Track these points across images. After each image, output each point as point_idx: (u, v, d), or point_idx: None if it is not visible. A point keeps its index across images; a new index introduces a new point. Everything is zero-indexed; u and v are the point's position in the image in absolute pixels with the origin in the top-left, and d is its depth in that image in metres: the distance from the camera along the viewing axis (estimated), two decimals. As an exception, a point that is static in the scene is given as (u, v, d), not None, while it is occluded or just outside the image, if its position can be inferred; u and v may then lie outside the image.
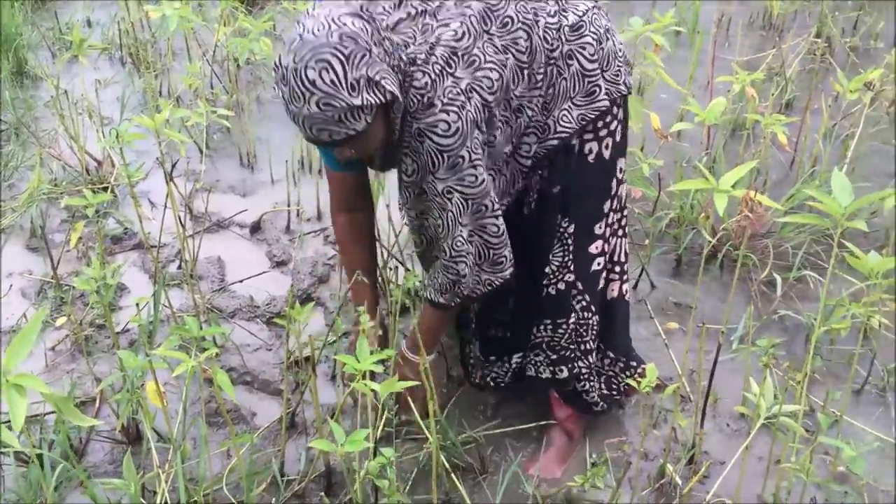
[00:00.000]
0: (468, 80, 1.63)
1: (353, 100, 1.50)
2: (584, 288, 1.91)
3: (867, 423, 2.16)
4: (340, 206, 2.03)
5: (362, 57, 1.50)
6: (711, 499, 1.95)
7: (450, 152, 1.62)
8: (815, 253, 2.66)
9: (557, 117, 1.77)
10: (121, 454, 2.07)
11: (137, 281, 2.64)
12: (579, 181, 1.82)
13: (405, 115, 1.63)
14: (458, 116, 1.60)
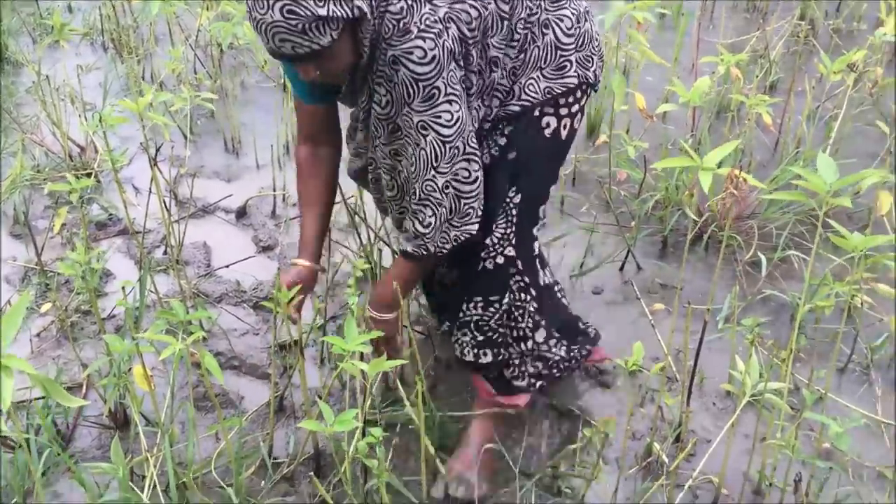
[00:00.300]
0: (446, 9, 1.60)
1: (319, 9, 1.45)
2: (523, 268, 1.85)
3: (851, 400, 2.19)
4: (306, 137, 1.95)
5: None
6: (697, 476, 1.97)
7: (426, 81, 1.57)
8: (800, 234, 2.68)
9: (524, 84, 1.76)
10: (108, 439, 2.07)
11: (123, 267, 2.63)
12: (533, 152, 1.81)
13: (379, 40, 1.58)
14: (435, 44, 1.56)
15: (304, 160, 1.95)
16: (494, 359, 1.89)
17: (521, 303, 1.86)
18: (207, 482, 1.95)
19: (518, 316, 1.87)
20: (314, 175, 1.96)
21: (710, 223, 2.66)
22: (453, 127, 1.63)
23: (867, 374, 2.27)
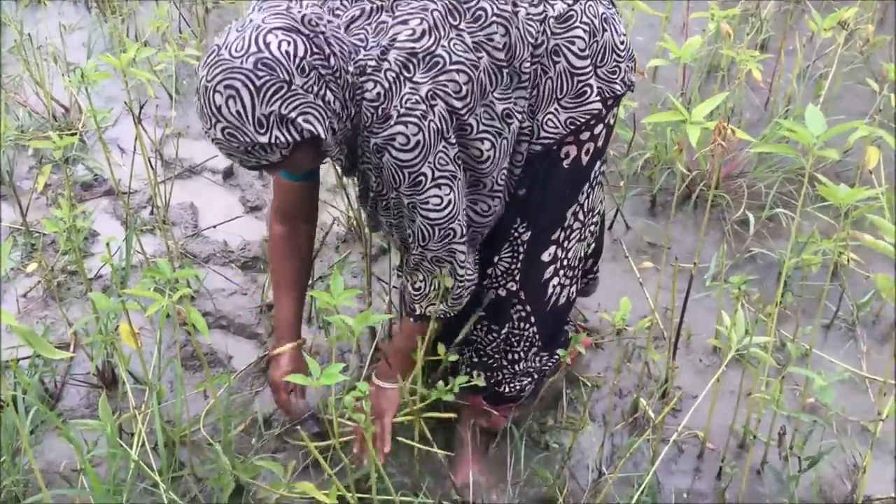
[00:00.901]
0: (429, 86, 1.41)
1: (259, 137, 1.33)
2: (526, 298, 1.75)
3: (836, 356, 2.20)
4: (283, 215, 1.83)
5: (277, 90, 1.32)
6: (683, 431, 1.99)
7: (410, 168, 1.44)
8: (788, 193, 2.68)
9: (542, 121, 1.58)
10: (96, 398, 2.07)
11: (109, 227, 2.61)
12: (548, 187, 1.65)
13: (361, 129, 1.45)
14: (419, 128, 1.41)
15: (280, 240, 1.84)
16: (487, 381, 1.82)
17: (519, 331, 1.79)
18: (197, 440, 1.95)
19: (515, 342, 1.81)
20: (291, 256, 1.87)
21: (699, 182, 2.65)
22: (443, 211, 1.50)
23: (852, 330, 2.29)
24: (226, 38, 1.36)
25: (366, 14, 1.45)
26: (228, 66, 1.32)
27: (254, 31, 1.34)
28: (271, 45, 1.33)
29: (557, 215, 1.71)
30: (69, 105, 3.03)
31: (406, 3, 1.45)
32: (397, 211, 1.56)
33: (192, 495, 1.85)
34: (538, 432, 1.98)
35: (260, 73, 1.31)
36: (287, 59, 1.33)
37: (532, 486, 1.89)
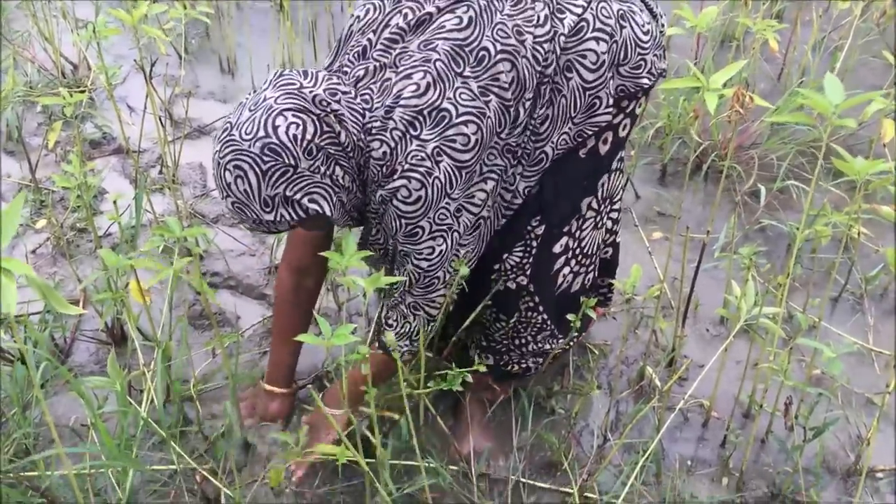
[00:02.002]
0: (436, 143, 1.39)
1: (265, 215, 1.39)
2: (535, 290, 1.71)
3: (844, 329, 2.21)
4: (295, 266, 1.80)
5: (282, 174, 1.36)
6: (689, 399, 2.00)
7: (409, 220, 1.44)
8: (800, 165, 2.66)
9: (556, 143, 1.53)
10: (105, 354, 2.08)
11: (118, 186, 2.60)
12: (563, 180, 1.60)
13: (369, 184, 1.47)
14: (422, 184, 1.41)
15: (288, 291, 1.82)
16: (496, 363, 1.83)
17: (527, 319, 1.76)
18: (205, 398, 1.97)
19: (522, 329, 1.78)
20: (296, 308, 1.84)
21: (711, 153, 2.64)
22: (433, 259, 1.51)
23: (860, 303, 2.28)
24: (238, 117, 1.39)
25: (370, 73, 1.44)
26: (238, 148, 1.36)
27: (264, 112, 1.37)
28: (279, 130, 1.35)
29: (573, 207, 1.66)
30: (78, 62, 3.00)
31: (408, 56, 1.42)
32: (392, 254, 1.58)
33: (199, 451, 1.87)
34: (544, 398, 1.99)
35: (266, 157, 1.35)
36: (294, 143, 1.36)
37: (538, 450, 1.91)
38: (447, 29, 1.42)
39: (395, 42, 1.45)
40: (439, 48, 1.41)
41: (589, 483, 1.82)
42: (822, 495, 1.83)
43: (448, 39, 1.42)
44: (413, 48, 1.43)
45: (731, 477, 1.87)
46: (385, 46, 1.45)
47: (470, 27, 1.42)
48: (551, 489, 1.84)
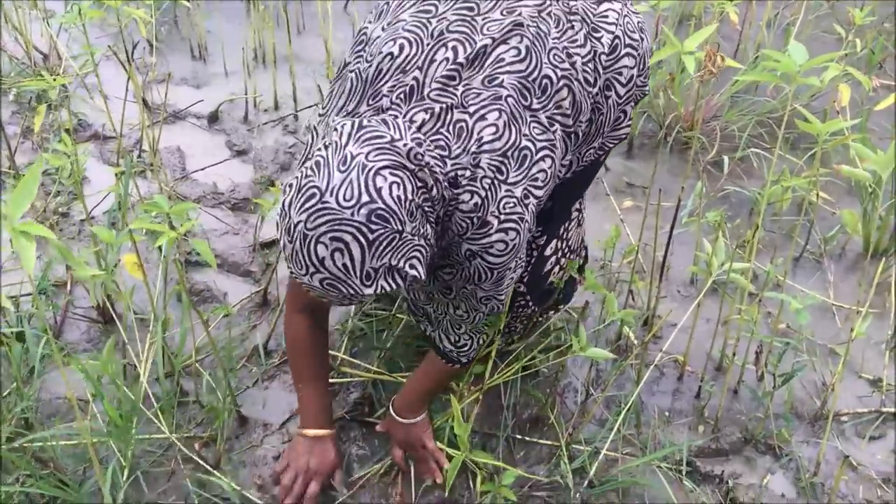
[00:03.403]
0: (524, 186, 1.34)
1: (365, 289, 1.24)
2: (528, 291, 1.75)
3: (805, 286, 2.33)
4: (303, 308, 1.71)
5: (390, 242, 1.21)
6: (664, 356, 2.10)
7: (500, 268, 1.39)
8: (759, 135, 2.78)
9: (583, 154, 1.55)
10: (97, 333, 2.11)
11: (97, 171, 2.62)
12: (569, 191, 1.62)
13: (453, 237, 1.37)
14: (517, 232, 1.35)
15: (303, 334, 1.73)
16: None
17: (516, 314, 1.80)
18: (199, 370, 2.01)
19: (513, 321, 1.82)
20: (315, 348, 1.75)
21: (675, 125, 2.75)
22: (509, 285, 1.50)
23: (820, 262, 2.41)
24: (328, 181, 1.20)
25: (436, 116, 1.32)
26: (337, 217, 1.18)
27: (360, 172, 1.20)
28: (383, 192, 1.20)
29: (568, 213, 1.71)
30: (48, 52, 3.01)
31: (475, 95, 1.33)
32: (460, 296, 1.52)
33: (197, 421, 1.92)
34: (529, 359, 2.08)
35: (375, 225, 1.19)
36: (399, 205, 1.21)
37: (525, 408, 1.99)
38: (507, 62, 1.35)
39: (453, 80, 1.34)
40: (506, 83, 1.33)
41: (574, 436, 1.91)
42: (792, 438, 1.94)
43: (511, 73, 1.34)
44: (476, 85, 1.33)
45: (707, 425, 1.98)
46: (442, 85, 1.33)
47: (528, 57, 1.36)
48: (539, 443, 1.93)
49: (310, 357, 1.76)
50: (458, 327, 1.64)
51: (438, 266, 1.46)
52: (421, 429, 1.82)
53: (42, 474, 1.69)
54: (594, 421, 1.97)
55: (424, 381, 1.80)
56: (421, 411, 1.81)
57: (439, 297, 1.57)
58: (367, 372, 2.01)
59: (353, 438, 1.92)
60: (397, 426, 1.82)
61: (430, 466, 1.82)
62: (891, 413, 2.02)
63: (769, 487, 1.87)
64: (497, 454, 1.90)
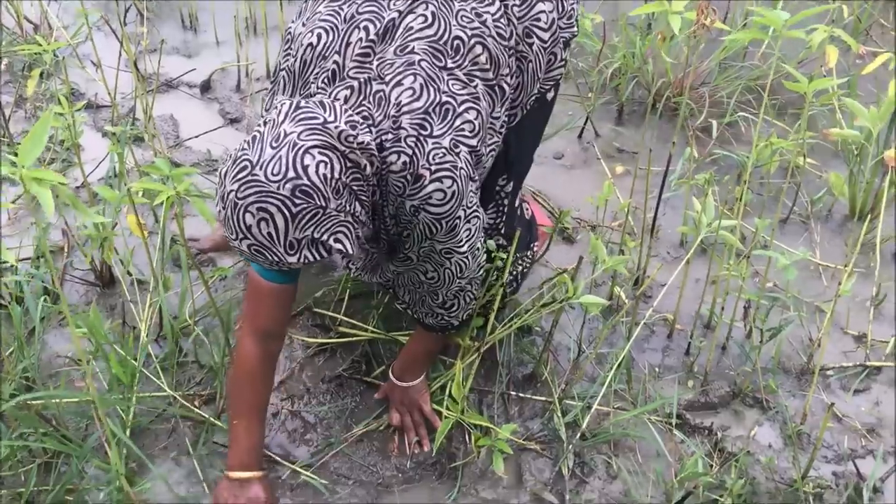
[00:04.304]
0: (451, 136, 1.42)
1: (289, 258, 1.33)
2: (506, 244, 1.80)
3: (792, 247, 2.37)
4: (259, 330, 1.65)
5: (313, 216, 1.31)
6: (654, 315, 2.14)
7: (448, 217, 1.45)
8: (747, 101, 2.82)
9: (524, 103, 1.63)
10: (94, 296, 2.14)
11: (91, 139, 2.63)
12: (525, 133, 1.69)
13: (390, 200, 1.45)
14: (452, 179, 1.42)
15: (255, 362, 1.66)
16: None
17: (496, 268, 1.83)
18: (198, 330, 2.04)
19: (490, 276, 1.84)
20: (263, 379, 1.69)
21: (664, 91, 2.78)
22: (472, 239, 1.55)
23: (807, 223, 2.46)
24: (259, 155, 1.30)
25: (357, 90, 1.43)
26: (263, 190, 1.28)
27: (290, 150, 1.30)
28: (309, 169, 1.29)
29: (530, 160, 1.78)
30: (39, 22, 3.00)
31: (390, 65, 1.43)
32: (422, 258, 1.57)
33: (196, 380, 1.95)
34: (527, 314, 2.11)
35: (298, 200, 1.29)
36: (324, 183, 1.31)
37: (520, 364, 2.03)
38: (416, 29, 1.45)
39: (368, 56, 1.45)
40: (417, 49, 1.44)
41: (567, 391, 1.96)
42: (779, 390, 2.00)
43: (421, 39, 1.44)
44: (390, 56, 1.44)
45: (696, 379, 2.03)
46: (359, 63, 1.44)
47: (436, 22, 1.46)
48: (534, 398, 1.97)
49: (251, 388, 1.69)
50: (435, 296, 1.67)
51: (395, 240, 1.54)
52: (418, 392, 1.87)
53: (46, 430, 1.72)
54: (586, 377, 2.01)
55: (420, 345, 1.86)
56: (419, 375, 1.86)
57: (404, 269, 1.63)
58: (364, 332, 2.04)
59: (351, 395, 1.96)
60: (396, 389, 1.87)
61: (422, 433, 1.87)
62: (875, 367, 2.07)
63: (756, 438, 1.92)
64: (492, 410, 1.94)
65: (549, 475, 1.84)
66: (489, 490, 1.82)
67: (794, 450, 1.87)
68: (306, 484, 1.80)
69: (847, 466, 1.87)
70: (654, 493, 1.81)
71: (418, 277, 1.63)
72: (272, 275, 1.59)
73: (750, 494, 1.79)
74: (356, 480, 1.82)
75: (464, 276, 1.62)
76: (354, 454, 1.86)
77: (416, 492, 1.82)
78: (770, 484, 1.82)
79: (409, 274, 1.64)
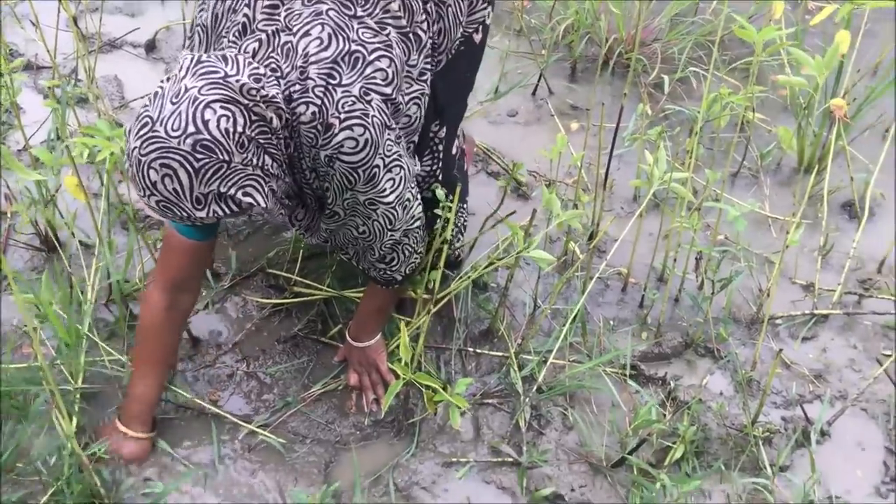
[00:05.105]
0: (360, 84, 1.41)
1: (197, 212, 1.34)
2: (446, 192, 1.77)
3: (742, 199, 2.40)
4: (169, 283, 1.64)
5: (217, 171, 1.31)
6: (607, 269, 2.16)
7: (364, 166, 1.44)
8: (698, 57, 2.83)
9: (449, 48, 1.62)
10: (40, 261, 2.09)
11: (32, 102, 2.55)
12: (453, 77, 1.68)
13: (304, 153, 1.45)
14: (364, 127, 1.41)
15: (161, 312, 1.65)
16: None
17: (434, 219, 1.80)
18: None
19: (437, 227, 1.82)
20: (169, 331, 1.70)
21: (616, 49, 2.78)
22: (398, 190, 1.53)
23: (756, 177, 2.49)
24: (160, 111, 1.30)
25: (265, 43, 1.42)
26: (165, 146, 1.28)
27: (191, 105, 1.29)
28: (210, 124, 1.29)
29: (463, 105, 1.76)
30: (-28, -21, 2.89)
31: (298, 16, 1.42)
32: (348, 212, 1.55)
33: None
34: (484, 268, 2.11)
35: (199, 154, 1.29)
36: (226, 137, 1.30)
37: (476, 321, 2.04)
38: None
39: (277, 7, 1.43)
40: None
41: (523, 346, 1.97)
42: (729, 340, 2.03)
43: None
44: (297, 7, 1.43)
45: (650, 331, 2.05)
46: (268, 15, 1.43)
47: None
48: (490, 354, 1.98)
49: (154, 339, 1.69)
50: (371, 251, 1.67)
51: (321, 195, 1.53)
52: (375, 351, 1.86)
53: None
54: (542, 331, 2.03)
55: (372, 303, 1.85)
56: (375, 334, 1.86)
57: (336, 226, 1.61)
58: (319, 291, 2.02)
59: (308, 355, 1.95)
60: (353, 350, 1.87)
61: (379, 392, 1.87)
62: (822, 315, 2.12)
63: (708, 387, 1.96)
64: (450, 366, 1.95)
65: (506, 428, 1.86)
66: (447, 445, 1.83)
67: (744, 397, 1.91)
68: (264, 444, 1.79)
69: (795, 411, 1.92)
70: (609, 442, 1.84)
71: (352, 233, 1.62)
72: (188, 230, 1.57)
73: (702, 440, 1.82)
74: (314, 439, 1.82)
75: (395, 228, 1.60)
76: (312, 413, 1.86)
77: (375, 449, 1.83)
78: (721, 430, 1.86)
79: (342, 231, 1.63)
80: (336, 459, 1.79)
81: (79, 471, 1.60)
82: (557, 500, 1.75)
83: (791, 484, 1.77)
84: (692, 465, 1.78)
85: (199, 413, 1.83)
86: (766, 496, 1.73)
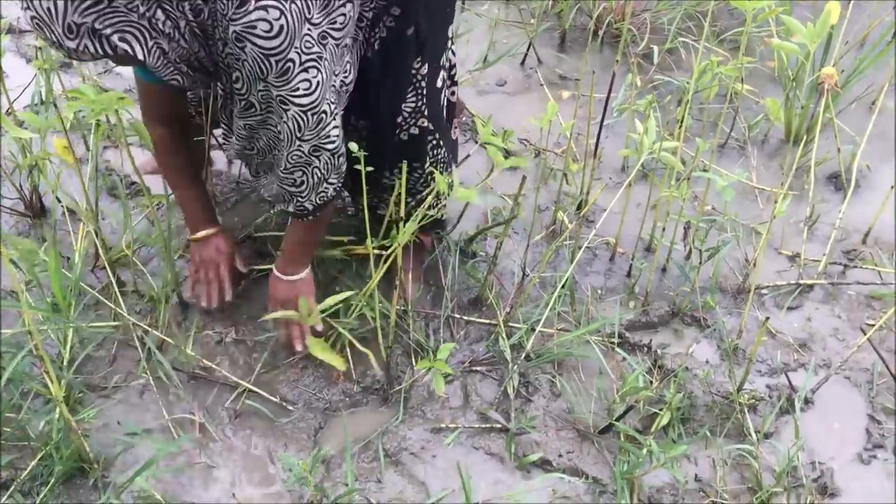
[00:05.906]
0: None
1: (67, 42, 1.33)
2: (434, 127, 1.78)
3: (730, 171, 2.41)
4: (156, 118, 1.80)
5: (95, 4, 1.29)
6: (595, 238, 2.17)
7: (277, 56, 1.38)
8: (687, 28, 2.83)
9: None
10: (26, 227, 2.07)
11: (15, 66, 2.52)
12: (432, 13, 1.65)
13: (218, 18, 1.39)
14: (281, 12, 1.34)
15: (166, 136, 1.81)
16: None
17: (434, 158, 1.82)
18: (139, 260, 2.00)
19: (439, 170, 1.83)
20: (183, 148, 1.84)
21: (606, 17, 2.77)
22: (313, 94, 1.46)
23: (744, 148, 2.50)
24: None
25: None
26: None
27: None
28: None
29: (444, 38, 1.73)
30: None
31: None
32: (264, 106, 1.52)
33: (136, 310, 1.92)
34: (466, 243, 2.12)
35: None
36: None
37: (465, 290, 2.04)
38: None
39: None
40: None
41: (512, 314, 1.98)
42: (716, 309, 2.05)
43: None
44: None
45: (637, 300, 2.07)
46: None
47: None
48: (479, 322, 1.99)
49: (176, 157, 1.84)
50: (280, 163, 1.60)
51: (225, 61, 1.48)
52: (303, 287, 1.83)
53: (-20, 361, 1.67)
54: (530, 300, 2.03)
55: (293, 236, 1.81)
56: (302, 267, 1.82)
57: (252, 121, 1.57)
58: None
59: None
60: (279, 284, 1.83)
61: (304, 329, 1.83)
62: (807, 285, 2.14)
63: (694, 355, 1.97)
64: (438, 334, 1.95)
65: (494, 395, 1.87)
66: (436, 411, 1.84)
67: (730, 365, 1.93)
68: (252, 410, 1.79)
69: (780, 379, 1.94)
70: (596, 409, 1.86)
71: (271, 133, 1.58)
72: (140, 71, 1.67)
73: (688, 408, 1.85)
74: (303, 405, 1.82)
75: (303, 137, 1.52)
76: (301, 380, 1.86)
77: (364, 415, 1.83)
78: (707, 397, 1.88)
79: (262, 131, 1.59)
80: (326, 425, 1.80)
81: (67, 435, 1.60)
82: (545, 465, 1.77)
83: (775, 450, 1.79)
84: (678, 431, 1.80)
85: (190, 378, 1.83)
86: (750, 462, 1.76)
